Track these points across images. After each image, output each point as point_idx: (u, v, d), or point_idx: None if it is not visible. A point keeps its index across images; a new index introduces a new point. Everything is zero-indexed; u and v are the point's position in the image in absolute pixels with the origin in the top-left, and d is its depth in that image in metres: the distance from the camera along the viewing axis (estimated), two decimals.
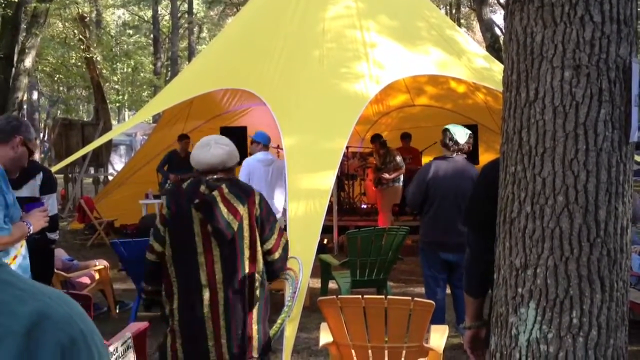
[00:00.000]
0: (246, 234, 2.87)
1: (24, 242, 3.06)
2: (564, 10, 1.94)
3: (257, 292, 2.92)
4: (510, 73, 2.09)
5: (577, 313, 1.91)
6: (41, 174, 5.08)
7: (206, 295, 2.80)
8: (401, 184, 10.20)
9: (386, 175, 9.94)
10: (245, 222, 2.87)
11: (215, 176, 2.91)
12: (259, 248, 2.92)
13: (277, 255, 3.01)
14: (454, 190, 5.06)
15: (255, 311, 2.89)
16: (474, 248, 2.43)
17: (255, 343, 2.89)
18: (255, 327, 2.88)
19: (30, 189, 5.07)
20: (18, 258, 3.04)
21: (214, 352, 2.79)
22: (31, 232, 3.08)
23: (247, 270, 2.86)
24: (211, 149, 2.92)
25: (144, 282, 2.94)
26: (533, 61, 2.00)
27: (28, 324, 0.79)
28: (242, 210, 2.85)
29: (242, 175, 7.47)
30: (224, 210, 2.80)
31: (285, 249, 3.08)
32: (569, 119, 1.93)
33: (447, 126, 5.35)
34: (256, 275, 2.91)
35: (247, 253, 2.87)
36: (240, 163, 3.62)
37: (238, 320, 2.82)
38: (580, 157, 1.91)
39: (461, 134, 5.19)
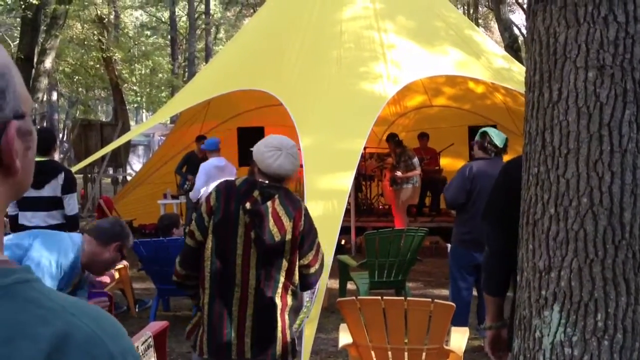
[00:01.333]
0: (287, 247, 2.87)
1: None
2: (588, 10, 1.93)
3: (290, 300, 2.93)
4: (532, 73, 2.07)
5: (602, 316, 1.89)
6: (63, 173, 5.18)
7: (237, 295, 2.81)
8: (417, 184, 10.10)
9: (399, 174, 9.83)
10: (288, 237, 2.86)
11: (270, 182, 2.90)
12: (297, 261, 2.93)
13: (312, 270, 3.00)
14: None
15: (287, 318, 2.91)
16: (493, 245, 2.43)
17: (290, 348, 2.92)
18: (288, 332, 2.91)
19: (53, 188, 5.16)
20: None
21: (235, 350, 2.81)
22: None
23: (281, 281, 2.88)
24: (281, 157, 2.85)
25: (177, 265, 2.93)
26: (556, 61, 1.98)
27: (48, 348, 0.72)
28: (288, 224, 2.85)
29: (200, 178, 7.75)
30: (271, 221, 2.81)
31: (322, 264, 3.09)
32: (593, 120, 1.91)
33: (485, 129, 5.34)
34: (290, 286, 2.92)
35: (284, 264, 2.88)
36: None
37: (266, 325, 2.84)
38: (605, 158, 1.89)
39: (500, 139, 5.21)
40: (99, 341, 0.76)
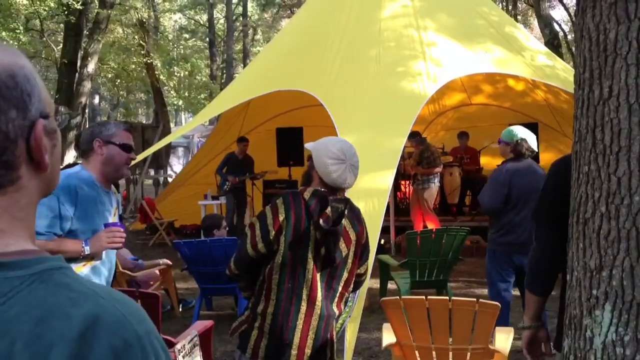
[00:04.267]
0: (350, 260, 2.91)
1: (88, 263, 3.03)
2: (638, 6, 1.89)
3: (342, 307, 2.99)
4: (582, 71, 2.05)
5: None
6: None
7: (303, 308, 2.83)
8: (437, 184, 9.97)
9: (420, 169, 9.73)
10: (352, 250, 2.90)
11: (337, 195, 2.90)
12: (355, 272, 2.98)
13: (365, 277, 3.12)
14: (532, 191, 5.00)
15: (335, 324, 2.97)
16: (542, 244, 2.42)
17: (335, 350, 2.97)
18: (335, 335, 2.97)
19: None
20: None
21: (295, 358, 2.83)
22: (85, 253, 2.94)
23: (339, 291, 2.92)
24: (345, 171, 2.84)
25: (232, 264, 2.90)
26: (607, 58, 1.95)
27: (81, 328, 0.77)
28: (353, 237, 2.90)
29: None
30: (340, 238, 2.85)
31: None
32: None
33: (520, 136, 5.16)
34: (345, 295, 2.98)
35: (345, 276, 2.92)
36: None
37: (327, 335, 2.88)
38: None
39: (533, 141, 5.13)
40: (126, 323, 0.81)
